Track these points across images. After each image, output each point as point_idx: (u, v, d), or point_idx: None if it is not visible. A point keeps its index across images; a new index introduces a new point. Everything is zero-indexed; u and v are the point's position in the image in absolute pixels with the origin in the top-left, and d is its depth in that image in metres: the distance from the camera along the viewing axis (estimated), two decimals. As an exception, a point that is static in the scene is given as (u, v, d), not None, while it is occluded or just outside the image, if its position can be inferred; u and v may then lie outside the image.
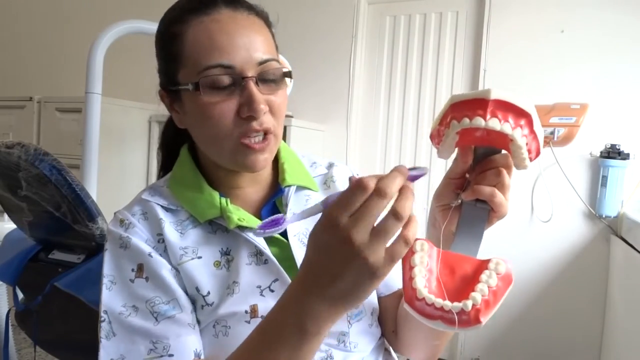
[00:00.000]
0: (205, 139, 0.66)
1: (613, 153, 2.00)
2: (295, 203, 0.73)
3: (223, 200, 0.67)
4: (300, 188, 0.75)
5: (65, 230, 1.10)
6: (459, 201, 0.55)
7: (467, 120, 0.48)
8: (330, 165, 0.81)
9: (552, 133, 1.96)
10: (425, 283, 0.48)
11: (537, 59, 2.18)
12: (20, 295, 1.28)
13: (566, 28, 2.14)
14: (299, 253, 0.68)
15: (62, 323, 1.14)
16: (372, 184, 0.44)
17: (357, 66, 2.54)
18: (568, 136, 2.02)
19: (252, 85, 0.62)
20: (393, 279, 0.76)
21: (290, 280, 0.64)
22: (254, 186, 0.73)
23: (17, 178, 1.08)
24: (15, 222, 1.27)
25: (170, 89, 0.67)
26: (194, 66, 0.62)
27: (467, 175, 0.56)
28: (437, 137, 0.54)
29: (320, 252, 0.46)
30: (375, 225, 0.44)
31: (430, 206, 0.60)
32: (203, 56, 0.62)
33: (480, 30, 2.31)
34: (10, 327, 1.42)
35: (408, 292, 0.48)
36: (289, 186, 0.73)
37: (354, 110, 2.56)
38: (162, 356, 0.59)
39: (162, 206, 0.68)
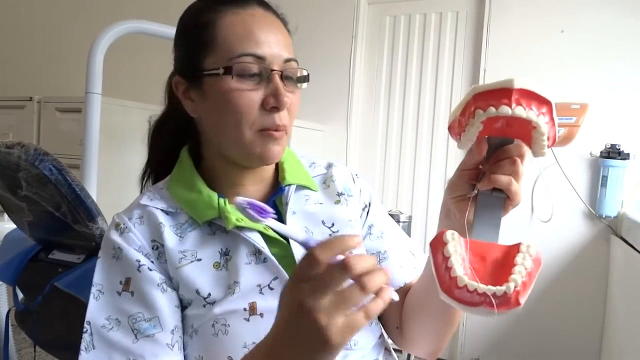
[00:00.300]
0: (224, 126, 0.66)
1: (613, 153, 2.00)
2: (295, 202, 0.74)
3: (221, 200, 0.67)
4: (300, 187, 0.75)
5: (65, 230, 1.10)
6: (476, 191, 0.56)
7: (493, 109, 0.49)
8: (329, 166, 0.82)
9: (552, 133, 1.96)
10: (464, 270, 0.49)
11: (537, 59, 2.18)
12: (20, 295, 1.28)
13: (566, 28, 2.14)
14: (299, 251, 0.68)
15: (62, 323, 1.14)
16: (324, 257, 0.45)
17: (357, 66, 2.54)
18: (568, 136, 2.02)
19: (278, 79, 0.65)
20: (397, 276, 0.76)
21: (288, 278, 0.65)
22: (256, 184, 0.73)
23: (17, 178, 1.08)
24: (15, 222, 1.27)
25: (191, 76, 0.68)
26: (226, 52, 0.64)
27: (481, 167, 0.57)
28: (457, 128, 0.54)
29: (281, 316, 0.48)
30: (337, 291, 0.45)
31: (443, 198, 0.61)
32: (238, 44, 0.64)
33: (480, 31, 2.31)
34: (10, 327, 1.42)
35: (445, 281, 0.49)
36: (289, 185, 0.74)
37: (354, 110, 2.56)
38: None
39: (161, 210, 0.69)
